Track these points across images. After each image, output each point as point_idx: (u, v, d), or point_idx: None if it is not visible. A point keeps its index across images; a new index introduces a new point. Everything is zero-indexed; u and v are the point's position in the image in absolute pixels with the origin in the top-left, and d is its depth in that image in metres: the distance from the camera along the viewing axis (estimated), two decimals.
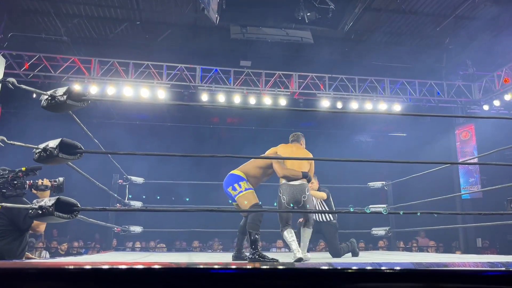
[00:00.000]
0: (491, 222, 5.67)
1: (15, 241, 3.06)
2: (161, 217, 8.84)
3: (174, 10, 8.19)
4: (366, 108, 9.08)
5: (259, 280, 0.96)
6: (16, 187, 2.79)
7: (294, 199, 3.96)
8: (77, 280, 0.96)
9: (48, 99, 2.52)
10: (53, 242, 8.63)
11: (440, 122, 9.92)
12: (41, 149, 2.40)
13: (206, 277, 0.96)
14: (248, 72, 8.87)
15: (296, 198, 3.96)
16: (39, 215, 2.32)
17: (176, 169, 9.05)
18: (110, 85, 8.27)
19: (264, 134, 10.60)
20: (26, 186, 2.88)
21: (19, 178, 2.80)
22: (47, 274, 0.98)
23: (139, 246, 8.98)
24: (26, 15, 8.22)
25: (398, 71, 9.47)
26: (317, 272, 0.95)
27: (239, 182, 4.00)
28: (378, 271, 0.94)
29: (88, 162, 4.76)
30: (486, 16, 8.27)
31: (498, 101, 9.04)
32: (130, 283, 0.96)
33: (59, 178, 3.02)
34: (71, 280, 0.96)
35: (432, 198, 5.92)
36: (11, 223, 3.01)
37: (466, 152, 9.46)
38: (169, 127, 10.54)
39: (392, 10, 8.17)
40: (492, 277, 0.91)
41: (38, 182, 2.96)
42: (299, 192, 3.96)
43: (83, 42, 9.14)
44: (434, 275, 0.91)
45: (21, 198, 2.89)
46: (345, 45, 9.36)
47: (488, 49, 8.92)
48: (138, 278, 0.97)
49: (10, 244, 3.02)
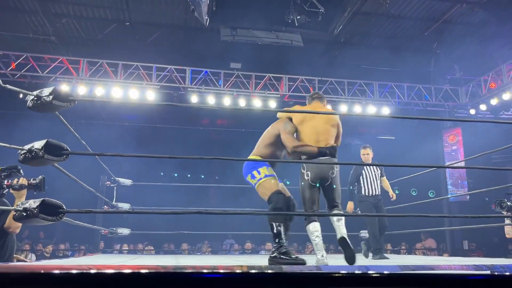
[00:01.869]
0: (478, 225, 5.74)
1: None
2: (149, 219, 8.77)
3: (164, 11, 8.15)
4: (355, 111, 9.14)
5: (247, 284, 0.96)
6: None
7: (321, 175, 3.22)
8: (63, 285, 0.94)
9: (34, 100, 2.49)
10: (39, 244, 8.50)
11: (428, 126, 10.03)
12: (26, 150, 2.37)
13: (194, 281, 0.95)
14: (238, 74, 8.87)
15: (323, 175, 3.22)
16: (23, 217, 2.28)
17: (165, 171, 9.00)
18: (99, 86, 8.20)
19: (254, 136, 10.57)
20: (5, 186, 2.84)
21: None
22: (32, 278, 0.96)
23: (126, 249, 8.89)
24: (14, 14, 8.10)
25: (387, 74, 9.55)
26: (306, 276, 0.95)
27: (257, 168, 3.30)
28: (366, 275, 0.95)
29: (76, 164, 4.71)
30: (474, 22, 8.40)
31: (484, 106, 9.17)
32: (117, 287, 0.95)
33: (39, 176, 2.97)
34: (57, 285, 0.95)
35: (419, 201, 5.97)
36: None
37: (453, 156, 9.57)
38: (158, 128, 10.47)
39: (381, 14, 8.25)
40: (478, 281, 0.92)
41: (14, 182, 2.91)
42: (327, 166, 3.19)
43: (71, 42, 9.04)
44: (420, 279, 0.92)
45: (1, 199, 2.85)
46: (334, 48, 9.42)
47: (475, 54, 9.05)
48: (125, 282, 0.95)
49: None
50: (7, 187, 2.88)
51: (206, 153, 2.54)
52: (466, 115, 9.70)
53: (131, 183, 6.52)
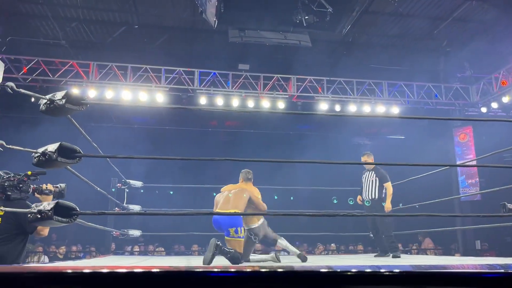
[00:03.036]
0: (490, 224, 5.68)
1: (19, 244, 3.11)
2: (160, 221, 8.82)
3: (172, 13, 8.20)
4: (364, 111, 9.10)
5: (258, 283, 0.96)
6: (21, 191, 2.84)
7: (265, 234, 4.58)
8: (76, 284, 0.95)
9: (46, 103, 2.52)
10: (51, 246, 8.60)
11: (438, 125, 9.94)
12: (40, 153, 2.40)
13: (205, 280, 0.96)
14: (247, 75, 8.89)
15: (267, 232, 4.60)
16: (38, 219, 2.31)
17: (174, 172, 9.04)
18: (109, 89, 8.27)
19: (263, 137, 10.60)
20: (30, 190, 2.92)
21: (24, 182, 2.84)
22: (46, 278, 0.98)
23: (138, 250, 8.95)
24: (25, 19, 8.22)
25: (396, 73, 9.49)
26: (316, 274, 0.95)
27: (241, 228, 4.24)
28: (377, 273, 0.95)
29: (87, 166, 4.76)
30: (484, 19, 8.31)
31: (496, 103, 9.07)
32: (129, 287, 0.96)
33: (60, 184, 3.07)
34: (70, 283, 0.96)
35: (430, 201, 5.92)
36: (18, 226, 3.06)
37: (464, 155, 9.48)
38: (167, 130, 10.53)
39: (390, 13, 8.20)
40: (491, 279, 0.91)
41: (43, 187, 3.00)
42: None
43: (81, 46, 9.14)
44: (433, 278, 0.91)
45: (24, 202, 2.93)
46: (343, 48, 9.39)
47: (486, 51, 8.96)
48: (137, 281, 0.97)
49: (15, 248, 3.07)
50: (33, 191, 2.96)
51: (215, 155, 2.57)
52: (477, 114, 9.60)
53: (141, 185, 6.57)
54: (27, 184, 2.86)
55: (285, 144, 10.46)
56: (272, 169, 9.04)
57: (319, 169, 8.84)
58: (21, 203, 2.84)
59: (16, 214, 2.99)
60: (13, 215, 3.00)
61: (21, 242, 3.13)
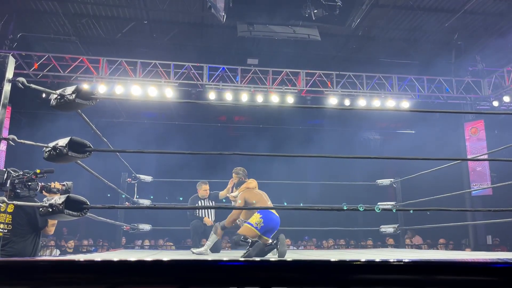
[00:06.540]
0: (501, 219, 5.61)
1: (33, 240, 3.21)
2: (169, 215, 8.88)
3: (181, 9, 8.22)
4: (374, 105, 9.03)
5: (267, 272, 0.97)
6: (30, 188, 2.89)
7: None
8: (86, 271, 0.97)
9: (57, 98, 2.55)
10: (62, 240, 8.72)
11: (449, 119, 9.84)
12: (51, 148, 2.43)
13: (215, 269, 0.97)
14: (255, 70, 8.87)
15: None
16: (49, 213, 2.35)
17: (184, 166, 9.08)
18: (118, 84, 8.32)
19: (272, 132, 10.60)
20: (38, 187, 2.97)
21: (32, 180, 2.89)
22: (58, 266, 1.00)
23: (148, 244, 9.03)
24: (35, 16, 8.30)
25: (406, 67, 9.40)
26: (324, 264, 0.95)
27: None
28: (387, 263, 0.95)
29: (97, 161, 4.80)
30: (495, 12, 8.19)
31: (508, 97, 8.94)
32: (140, 275, 0.97)
33: (66, 182, 3.14)
34: (81, 272, 0.98)
35: (441, 195, 5.86)
36: (29, 223, 3.15)
37: (476, 149, 9.37)
38: (177, 125, 10.57)
39: (400, 6, 8.12)
40: (500, 269, 0.91)
41: (51, 185, 3.06)
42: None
43: (91, 42, 9.21)
44: (442, 267, 0.91)
45: (33, 199, 2.99)
46: (352, 42, 9.33)
47: (498, 44, 8.83)
48: (148, 270, 0.98)
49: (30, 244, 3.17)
50: (41, 189, 3.01)
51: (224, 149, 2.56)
52: (489, 107, 9.47)
53: (151, 180, 6.61)
54: (35, 182, 2.91)
55: (294, 139, 10.42)
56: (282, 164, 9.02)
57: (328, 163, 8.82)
58: (29, 201, 2.89)
59: (26, 211, 3.11)
60: (23, 213, 3.10)
61: (35, 238, 3.23)
